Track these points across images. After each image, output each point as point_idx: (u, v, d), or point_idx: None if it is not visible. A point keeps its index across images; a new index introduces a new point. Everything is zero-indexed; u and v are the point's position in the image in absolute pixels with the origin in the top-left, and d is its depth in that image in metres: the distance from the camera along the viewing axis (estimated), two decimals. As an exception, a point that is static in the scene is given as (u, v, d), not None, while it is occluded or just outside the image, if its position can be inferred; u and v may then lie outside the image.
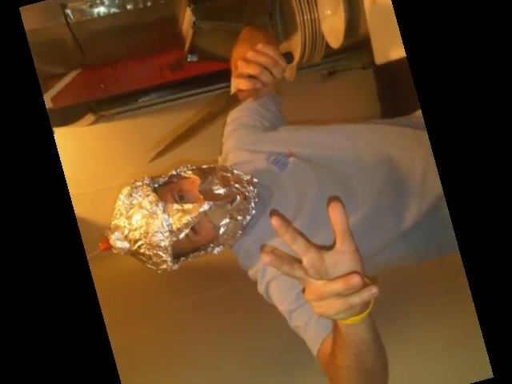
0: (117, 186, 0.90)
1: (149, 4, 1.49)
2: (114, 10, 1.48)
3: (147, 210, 0.83)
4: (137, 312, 1.71)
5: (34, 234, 0.69)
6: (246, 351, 1.29)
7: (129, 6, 1.49)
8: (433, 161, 0.72)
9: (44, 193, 0.70)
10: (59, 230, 0.70)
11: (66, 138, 2.16)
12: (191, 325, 1.54)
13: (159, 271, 0.88)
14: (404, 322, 1.25)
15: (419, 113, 1.20)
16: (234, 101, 0.99)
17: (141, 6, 1.49)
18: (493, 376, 0.67)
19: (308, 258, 0.61)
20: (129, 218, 0.85)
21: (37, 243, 0.69)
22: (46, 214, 0.70)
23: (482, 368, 0.72)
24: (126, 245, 0.87)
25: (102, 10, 1.47)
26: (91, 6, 1.46)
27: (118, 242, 0.87)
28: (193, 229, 0.86)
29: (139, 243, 0.85)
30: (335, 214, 0.60)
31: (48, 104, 1.93)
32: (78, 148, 2.24)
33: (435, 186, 1.00)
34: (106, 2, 1.46)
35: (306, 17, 1.74)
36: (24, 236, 0.68)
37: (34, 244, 0.69)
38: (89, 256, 0.75)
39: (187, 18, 1.65)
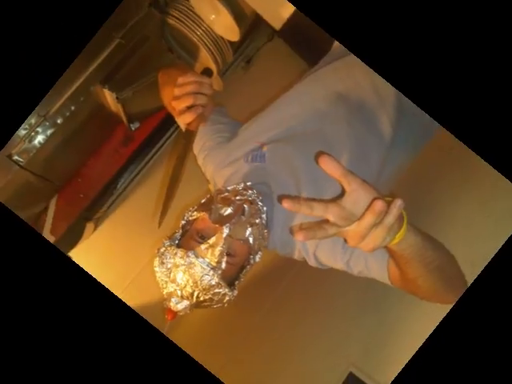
0: (147, 264, 0.90)
1: (73, 108, 1.50)
2: (49, 131, 1.49)
3: (184, 265, 0.83)
4: (229, 345, 1.71)
5: (104, 346, 0.69)
6: (340, 315, 1.29)
7: (59, 121, 1.49)
8: (373, 72, 0.72)
9: (99, 308, 0.71)
10: (130, 329, 0.71)
11: (83, 255, 2.16)
12: (279, 325, 1.54)
13: (225, 305, 0.88)
14: (437, 209, 1.25)
15: (337, 44, 1.21)
16: (189, 135, 0.99)
17: (68, 113, 1.50)
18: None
19: (331, 213, 0.61)
20: (173, 280, 0.85)
21: (111, 350, 0.69)
22: (111, 324, 0.70)
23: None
24: (185, 303, 0.87)
25: (40, 138, 1.48)
26: (30, 141, 1.46)
27: (179, 305, 0.87)
28: (228, 254, 0.86)
29: (195, 294, 0.84)
30: (327, 165, 0.61)
31: (51, 238, 1.93)
32: (97, 255, 2.23)
33: (388, 90, 1.01)
34: (40, 130, 1.47)
35: (198, 32, 1.75)
36: (96, 349, 0.68)
37: (106, 350, 0.69)
38: (165, 331, 0.75)
39: (109, 97, 1.66)
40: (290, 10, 1.45)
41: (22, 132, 1.45)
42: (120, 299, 0.75)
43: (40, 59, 0.65)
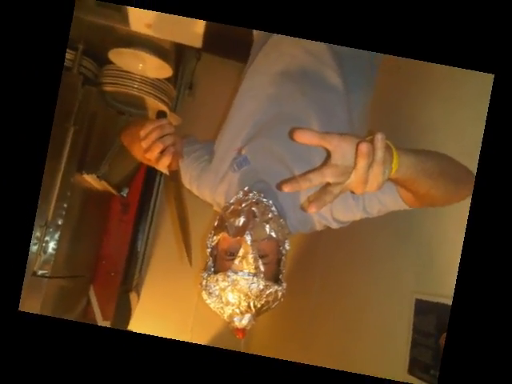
0: (198, 301, 0.90)
1: (65, 205, 1.51)
2: (56, 235, 1.50)
3: (229, 285, 0.83)
4: (301, 332, 1.71)
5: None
6: (380, 258, 1.30)
7: (60, 222, 1.50)
8: (298, 40, 0.73)
9: (179, 360, 0.71)
10: (213, 364, 0.71)
11: (140, 322, 2.16)
12: (334, 294, 1.54)
13: (281, 300, 0.88)
14: (415, 123, 1.25)
15: (256, 33, 1.21)
16: (175, 175, 0.99)
17: (63, 212, 1.51)
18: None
19: (328, 175, 0.62)
20: (227, 303, 0.85)
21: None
22: (195, 369, 0.70)
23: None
24: (247, 316, 0.86)
25: (52, 245, 1.49)
26: (45, 251, 1.47)
27: (243, 321, 0.87)
28: (261, 257, 0.86)
29: (252, 305, 0.84)
30: (302, 137, 0.61)
31: (106, 324, 1.94)
32: (152, 316, 2.23)
33: (319, 47, 1.02)
34: (48, 238, 1.47)
35: (135, 86, 1.75)
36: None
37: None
38: (242, 349, 0.75)
39: (91, 180, 1.66)
40: (201, 25, 1.45)
41: (33, 248, 1.45)
42: (192, 343, 0.75)
43: (14, 175, 0.65)
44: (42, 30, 0.66)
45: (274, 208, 0.91)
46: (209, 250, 0.93)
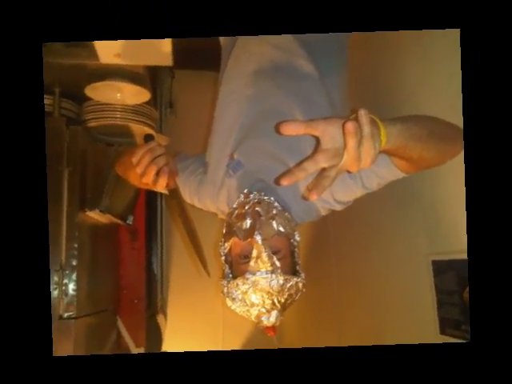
0: (224, 310, 0.90)
1: (76, 245, 1.51)
2: (73, 276, 1.51)
3: (250, 287, 0.83)
4: (329, 318, 1.71)
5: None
6: (389, 226, 1.30)
7: (74, 262, 1.50)
8: (263, 37, 0.73)
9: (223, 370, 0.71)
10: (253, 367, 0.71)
11: (173, 342, 2.17)
12: (354, 273, 1.54)
13: (303, 290, 0.88)
14: (393, 91, 1.25)
15: (222, 39, 1.21)
16: (174, 193, 1.00)
17: (75, 252, 1.51)
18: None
19: (321, 161, 0.62)
20: (252, 305, 0.85)
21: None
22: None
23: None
24: (274, 313, 0.86)
25: (71, 286, 1.49)
26: (66, 294, 1.47)
27: (271, 319, 0.87)
28: (275, 253, 0.86)
29: (276, 301, 0.84)
30: (288, 129, 0.61)
31: (140, 350, 1.94)
32: (182, 334, 2.23)
33: (285, 39, 1.03)
34: (66, 280, 1.48)
35: (117, 116, 1.75)
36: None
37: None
38: (276, 346, 0.75)
39: (94, 215, 1.66)
40: (168, 43, 1.45)
41: (54, 293, 1.46)
42: (227, 350, 0.75)
43: (20, 228, 0.65)
44: (16, 81, 0.66)
45: (276, 204, 0.91)
46: (223, 258, 0.93)
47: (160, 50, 1.50)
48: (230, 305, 0.87)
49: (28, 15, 0.66)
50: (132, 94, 1.73)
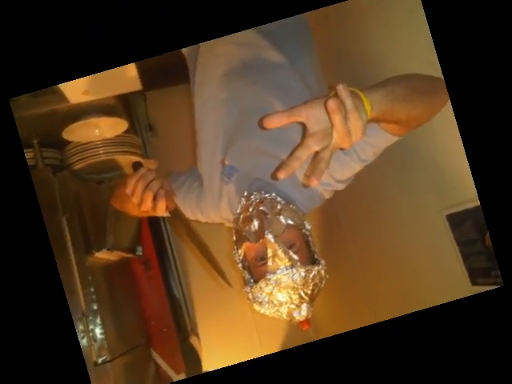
0: (253, 315, 0.90)
1: (92, 289, 1.51)
2: (97, 319, 1.50)
3: (274, 287, 0.83)
4: (359, 298, 1.71)
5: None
6: (397, 187, 1.29)
7: (95, 306, 1.50)
8: (224, 38, 0.73)
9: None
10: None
11: (211, 361, 2.17)
12: (372, 248, 1.54)
13: (327, 277, 0.88)
14: (366, 59, 1.25)
15: (184, 50, 1.21)
16: (176, 213, 0.99)
17: (94, 296, 1.51)
18: None
19: (313, 145, 0.62)
20: (280, 304, 0.85)
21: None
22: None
23: None
24: (304, 306, 0.86)
25: (98, 330, 1.49)
26: (95, 340, 1.47)
27: (302, 312, 0.87)
28: (290, 247, 0.86)
29: (303, 294, 0.84)
30: (271, 123, 0.62)
31: (181, 376, 1.94)
32: (217, 350, 2.23)
33: (247, 35, 1.02)
34: (91, 326, 1.47)
35: (101, 152, 1.75)
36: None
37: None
38: (313, 338, 0.75)
39: (104, 256, 1.66)
40: (132, 68, 1.45)
41: (83, 341, 1.45)
42: (267, 354, 0.74)
43: (34, 287, 0.65)
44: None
45: (279, 198, 0.91)
46: (240, 265, 0.93)
47: (126, 77, 1.50)
48: (259, 309, 0.87)
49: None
50: (109, 127, 1.72)
